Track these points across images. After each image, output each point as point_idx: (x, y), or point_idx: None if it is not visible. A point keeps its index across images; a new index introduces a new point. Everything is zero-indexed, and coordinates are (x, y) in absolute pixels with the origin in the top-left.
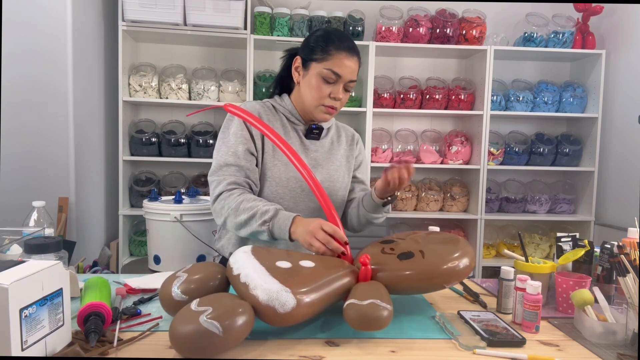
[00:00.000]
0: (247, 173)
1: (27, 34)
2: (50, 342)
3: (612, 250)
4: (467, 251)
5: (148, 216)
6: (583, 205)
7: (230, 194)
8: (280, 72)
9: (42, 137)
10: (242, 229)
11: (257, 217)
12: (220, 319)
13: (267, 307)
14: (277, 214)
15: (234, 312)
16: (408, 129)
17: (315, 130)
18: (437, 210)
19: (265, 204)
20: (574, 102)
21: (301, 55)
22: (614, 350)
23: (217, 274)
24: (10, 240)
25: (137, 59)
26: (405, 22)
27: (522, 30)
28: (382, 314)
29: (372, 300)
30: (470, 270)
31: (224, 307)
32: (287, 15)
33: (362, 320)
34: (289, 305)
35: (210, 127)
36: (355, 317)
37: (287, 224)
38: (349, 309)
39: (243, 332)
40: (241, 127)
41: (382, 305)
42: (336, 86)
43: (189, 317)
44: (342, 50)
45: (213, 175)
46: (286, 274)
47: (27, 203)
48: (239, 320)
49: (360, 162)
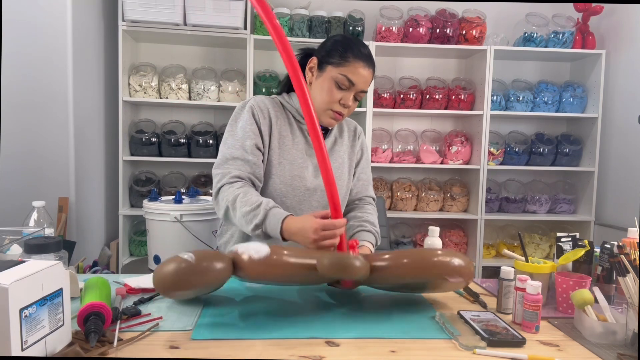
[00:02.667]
0: (253, 168)
1: (27, 34)
2: (50, 342)
3: (612, 250)
4: (460, 255)
5: (148, 216)
6: (583, 205)
7: (230, 186)
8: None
9: (42, 137)
10: (239, 226)
11: (248, 218)
12: (196, 254)
13: (243, 254)
14: (267, 217)
15: (209, 254)
16: (408, 129)
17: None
18: (437, 210)
19: (257, 202)
20: (574, 102)
21: (318, 57)
22: (614, 350)
23: (224, 257)
24: (10, 240)
25: (137, 59)
26: (405, 22)
27: (522, 30)
28: (354, 262)
29: (347, 254)
30: (468, 272)
31: (205, 252)
32: (287, 15)
33: (336, 265)
34: (262, 252)
35: (210, 127)
36: (328, 263)
37: (277, 228)
38: (322, 257)
39: (217, 272)
40: (250, 122)
41: (357, 256)
42: (348, 93)
43: (171, 259)
44: (360, 59)
45: (218, 168)
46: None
47: (27, 203)
48: (213, 260)
49: (360, 157)
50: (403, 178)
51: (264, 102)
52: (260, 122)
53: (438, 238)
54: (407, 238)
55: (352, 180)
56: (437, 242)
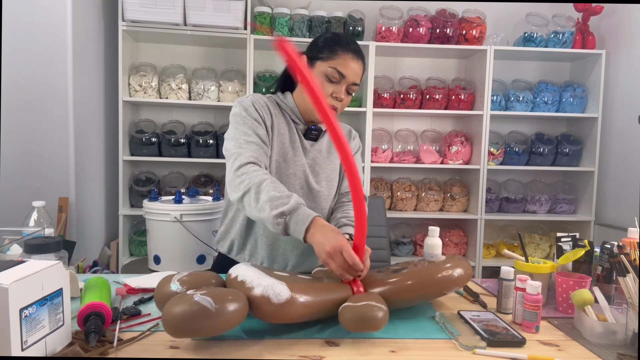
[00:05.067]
0: (266, 153)
1: (28, 34)
2: (50, 342)
3: (612, 250)
4: (461, 263)
5: (148, 216)
6: (583, 205)
7: (255, 168)
8: (285, 71)
9: (42, 137)
10: (255, 211)
11: (276, 203)
12: (213, 297)
13: (262, 297)
14: (298, 208)
15: (227, 295)
16: (408, 129)
17: (314, 132)
18: (437, 210)
19: (289, 193)
20: (574, 102)
21: (307, 54)
22: (614, 350)
23: (212, 278)
24: (10, 240)
25: (137, 59)
26: (405, 22)
27: (522, 30)
28: (377, 314)
29: (367, 302)
30: (467, 278)
31: (218, 291)
32: (287, 15)
33: (358, 321)
34: (283, 295)
35: (210, 127)
36: (350, 317)
37: (305, 223)
38: (344, 311)
39: (236, 316)
40: (256, 116)
41: (378, 305)
42: (339, 86)
43: (183, 299)
44: (349, 52)
45: (233, 149)
46: (283, 278)
47: (27, 203)
48: (232, 303)
49: (353, 153)
50: (403, 178)
51: (263, 99)
52: (264, 117)
53: (438, 238)
54: (407, 238)
55: (341, 180)
56: (437, 242)
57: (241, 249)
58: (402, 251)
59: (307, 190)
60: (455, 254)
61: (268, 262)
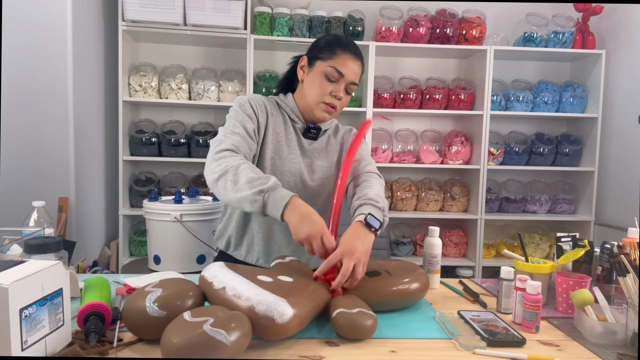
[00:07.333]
0: (250, 146)
1: (27, 33)
2: (50, 342)
3: (612, 250)
4: (416, 275)
5: (148, 216)
6: (583, 205)
7: (234, 154)
8: (286, 73)
9: (42, 137)
10: (232, 192)
11: (255, 183)
12: (225, 327)
13: (266, 317)
14: (277, 187)
15: (235, 321)
16: (408, 129)
17: (312, 130)
18: (437, 210)
19: (267, 175)
20: (574, 102)
21: (308, 55)
22: (614, 350)
23: (190, 290)
24: (10, 240)
25: (137, 59)
26: (405, 22)
27: (522, 30)
28: (368, 322)
29: (360, 309)
30: (426, 285)
31: (224, 317)
32: (287, 16)
33: (351, 328)
34: (287, 315)
35: (210, 127)
36: (344, 324)
37: (283, 201)
38: (338, 317)
39: (245, 342)
40: (249, 111)
41: (369, 313)
42: (338, 85)
43: (189, 327)
44: (348, 52)
45: (217, 137)
46: (274, 287)
47: (27, 203)
48: (242, 329)
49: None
50: (403, 178)
51: (260, 98)
52: (258, 113)
53: (438, 238)
54: (407, 238)
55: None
56: (437, 242)
57: (238, 245)
58: (402, 251)
59: (302, 187)
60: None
61: (264, 257)
